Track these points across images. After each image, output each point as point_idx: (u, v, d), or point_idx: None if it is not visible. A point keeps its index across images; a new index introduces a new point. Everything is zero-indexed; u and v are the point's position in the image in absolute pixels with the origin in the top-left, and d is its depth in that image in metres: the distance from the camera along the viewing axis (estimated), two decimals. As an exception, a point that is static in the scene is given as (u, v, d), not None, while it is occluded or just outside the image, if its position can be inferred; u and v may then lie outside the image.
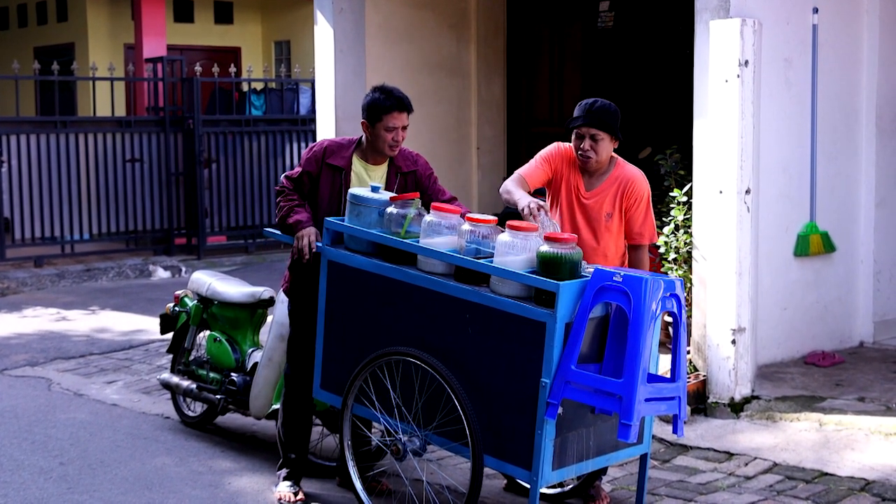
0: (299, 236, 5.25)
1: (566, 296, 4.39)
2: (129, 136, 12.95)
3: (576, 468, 4.67)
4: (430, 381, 4.76)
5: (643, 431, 4.88)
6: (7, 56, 16.84)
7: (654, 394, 4.49)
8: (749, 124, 6.58)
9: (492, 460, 4.65)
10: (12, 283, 11.59)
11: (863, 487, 5.46)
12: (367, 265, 5.09)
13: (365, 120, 5.36)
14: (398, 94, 5.35)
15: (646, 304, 4.32)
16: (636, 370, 4.30)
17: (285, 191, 5.43)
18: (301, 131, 14.04)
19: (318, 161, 5.41)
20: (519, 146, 10.74)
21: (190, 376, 6.63)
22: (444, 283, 4.77)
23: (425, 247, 4.85)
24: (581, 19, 10.24)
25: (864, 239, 7.80)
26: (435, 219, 4.87)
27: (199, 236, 13.34)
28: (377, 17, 9.55)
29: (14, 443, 6.43)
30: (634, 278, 4.35)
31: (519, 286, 4.55)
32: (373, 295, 5.08)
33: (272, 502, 5.48)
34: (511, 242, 4.59)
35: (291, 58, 19.01)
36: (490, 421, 4.62)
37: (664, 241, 7.29)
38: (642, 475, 5.00)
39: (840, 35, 7.51)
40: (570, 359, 4.37)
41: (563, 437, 4.53)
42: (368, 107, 5.35)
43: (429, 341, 4.83)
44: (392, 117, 5.29)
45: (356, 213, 5.15)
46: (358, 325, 5.17)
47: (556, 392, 4.38)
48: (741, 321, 6.60)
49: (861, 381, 6.93)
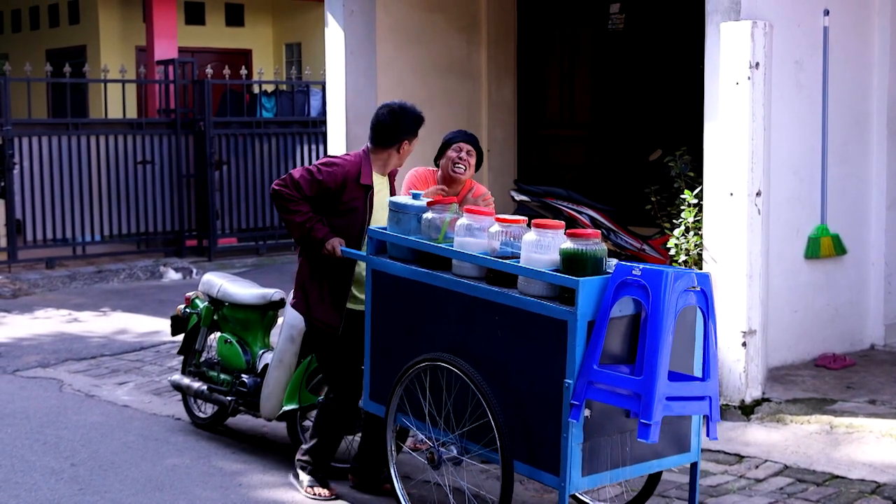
0: (332, 244, 5.38)
1: (587, 292, 4.28)
2: (140, 138, 12.98)
3: (610, 475, 4.52)
4: (466, 388, 4.71)
5: (690, 438, 4.70)
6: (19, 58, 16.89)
7: (680, 392, 4.33)
8: (760, 126, 6.57)
9: (523, 466, 4.57)
10: (24, 285, 11.63)
11: (873, 490, 5.45)
12: (405, 272, 5.08)
13: (409, 137, 5.60)
14: (418, 115, 5.67)
15: (665, 299, 4.19)
16: (656, 367, 4.17)
17: (294, 198, 5.41)
18: (312, 133, 14.06)
19: (346, 179, 5.43)
20: (529, 148, 10.75)
21: (201, 378, 6.64)
22: (475, 286, 4.74)
23: (456, 250, 4.83)
24: (592, 22, 10.24)
25: (876, 241, 7.78)
26: (467, 221, 4.84)
27: (209, 238, 13.36)
28: (388, 20, 9.56)
29: (25, 444, 6.45)
30: (654, 272, 4.22)
31: (545, 285, 4.47)
32: (412, 302, 5.06)
33: (284, 502, 5.49)
34: (537, 241, 4.51)
35: (302, 60, 19.05)
36: (522, 426, 4.56)
37: (675, 244, 7.28)
38: (692, 485, 4.83)
39: (851, 37, 7.49)
40: (593, 358, 4.26)
41: (592, 441, 4.41)
42: (414, 125, 5.61)
43: (464, 347, 4.79)
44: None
45: (396, 220, 5.17)
46: (400, 333, 5.15)
47: (579, 393, 4.27)
48: (752, 323, 6.59)
49: (872, 384, 6.92)
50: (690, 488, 4.88)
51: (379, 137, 5.54)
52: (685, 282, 4.31)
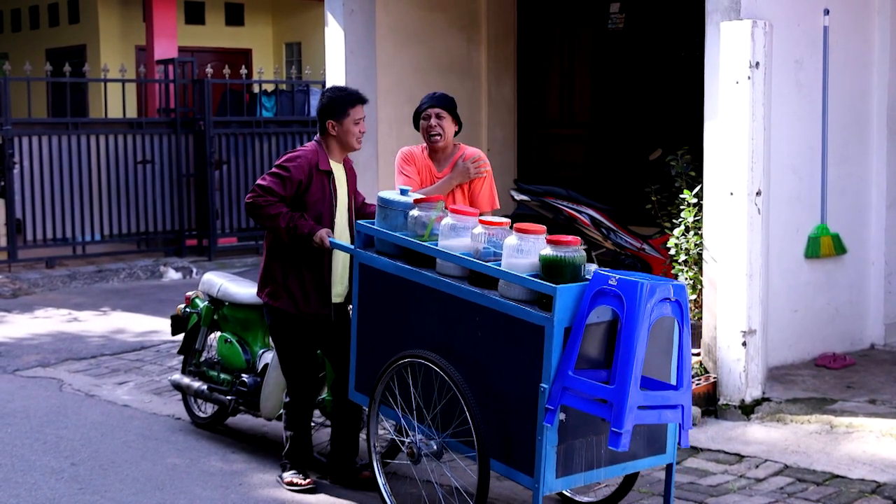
0: (319, 236, 5.47)
1: (564, 299, 4.34)
2: (140, 138, 12.98)
3: (584, 476, 4.58)
4: (446, 385, 4.75)
5: (665, 440, 4.75)
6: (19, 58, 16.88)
7: (652, 401, 4.38)
8: (760, 126, 6.57)
9: (500, 465, 4.64)
10: (24, 284, 11.63)
11: (874, 490, 5.45)
12: (391, 268, 5.12)
13: (331, 120, 5.66)
14: (353, 90, 5.82)
15: (639, 308, 4.22)
16: (628, 377, 4.20)
17: (270, 203, 5.53)
18: (312, 133, 14.03)
19: (310, 168, 5.58)
20: (529, 147, 10.74)
21: (201, 377, 6.64)
22: (457, 285, 4.78)
23: (439, 249, 4.86)
24: (592, 21, 10.24)
25: (876, 241, 7.77)
26: (452, 221, 4.87)
27: (209, 238, 13.36)
28: (388, 19, 9.56)
29: (25, 443, 6.45)
30: (629, 282, 4.26)
31: (524, 290, 4.52)
32: (397, 297, 5.10)
33: (283, 501, 5.50)
34: (517, 245, 4.56)
35: (302, 59, 19.05)
36: (499, 426, 4.61)
37: (675, 243, 7.28)
38: (668, 486, 4.88)
39: (851, 36, 7.49)
40: (569, 364, 4.31)
41: (567, 444, 4.47)
42: (331, 106, 5.68)
43: (447, 345, 4.84)
44: (357, 110, 5.68)
45: (383, 216, 5.21)
46: (385, 327, 5.19)
47: (554, 397, 4.32)
48: (752, 323, 6.59)
49: (872, 384, 6.92)
50: (665, 489, 4.92)
51: (328, 114, 5.71)
52: (661, 293, 4.33)
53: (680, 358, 4.54)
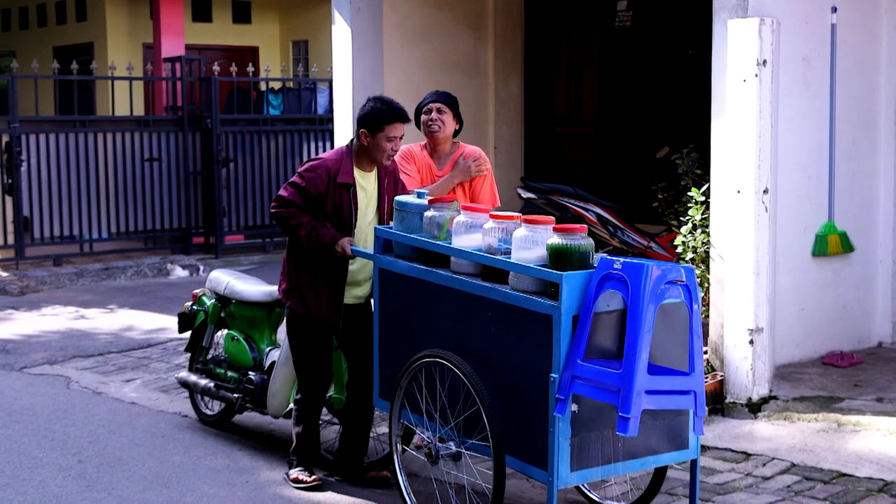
0: (341, 245, 5.43)
1: (571, 287, 4.31)
2: (147, 136, 13.00)
3: (601, 471, 4.52)
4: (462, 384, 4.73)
5: (687, 435, 4.66)
6: (26, 55, 16.92)
7: (661, 386, 4.30)
8: (767, 124, 6.56)
9: (515, 462, 4.60)
10: (32, 282, 11.65)
11: (881, 488, 5.44)
12: (408, 270, 5.13)
13: (364, 129, 5.49)
14: (398, 105, 5.54)
15: (644, 292, 4.19)
16: (634, 359, 4.16)
17: (291, 214, 5.53)
18: (319, 131, 14.06)
19: (327, 180, 5.50)
20: (537, 145, 10.74)
21: (208, 375, 6.65)
22: (469, 282, 4.78)
23: (450, 246, 4.86)
24: (599, 19, 10.23)
25: (883, 239, 7.76)
26: (465, 219, 4.88)
27: (216, 235, 13.38)
28: (395, 17, 9.55)
29: (33, 441, 6.46)
30: (633, 265, 4.24)
31: (533, 280, 4.50)
32: (415, 299, 5.11)
33: (290, 499, 5.50)
34: (526, 237, 4.54)
35: (309, 57, 19.06)
36: (514, 422, 4.59)
37: (682, 241, 7.27)
38: (692, 483, 4.82)
39: (859, 34, 7.47)
40: (578, 352, 4.27)
41: (582, 436, 4.42)
42: (369, 117, 5.49)
43: (462, 343, 4.83)
44: (394, 128, 5.48)
45: (400, 219, 5.23)
46: (405, 331, 5.19)
47: (564, 387, 4.29)
48: (759, 321, 6.59)
49: (880, 382, 6.91)
50: (691, 486, 4.87)
51: (364, 124, 5.55)
52: (668, 275, 4.30)
53: (691, 342, 4.48)
